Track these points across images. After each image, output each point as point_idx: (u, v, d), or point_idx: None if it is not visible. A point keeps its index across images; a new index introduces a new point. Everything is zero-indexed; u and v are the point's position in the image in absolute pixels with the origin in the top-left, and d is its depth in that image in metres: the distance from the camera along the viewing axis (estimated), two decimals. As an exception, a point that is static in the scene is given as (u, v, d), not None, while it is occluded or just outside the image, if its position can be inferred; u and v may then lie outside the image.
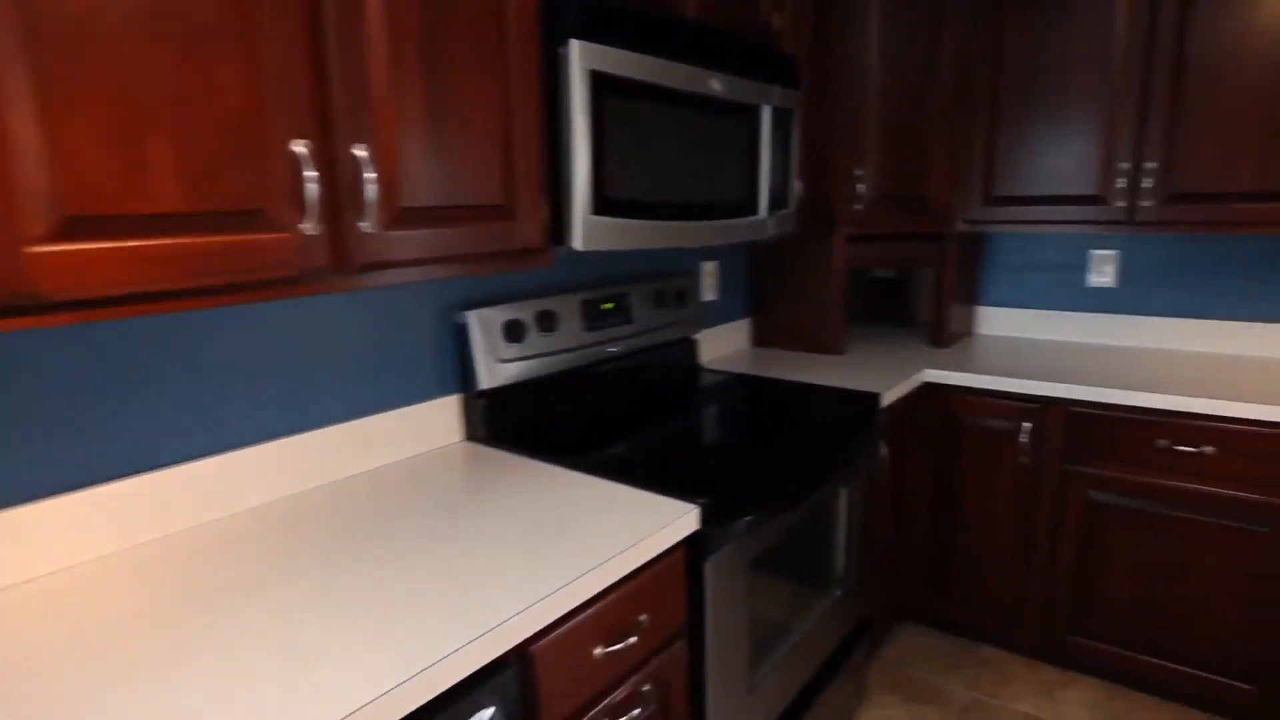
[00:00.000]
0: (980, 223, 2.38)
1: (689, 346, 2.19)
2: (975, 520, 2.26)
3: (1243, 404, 1.81)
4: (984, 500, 2.23)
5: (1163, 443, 1.93)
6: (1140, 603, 2.05)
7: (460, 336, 1.56)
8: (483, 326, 1.55)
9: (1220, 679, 1.98)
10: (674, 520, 1.17)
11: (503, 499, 1.26)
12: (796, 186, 1.95)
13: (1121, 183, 2.10)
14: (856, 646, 1.94)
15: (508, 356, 1.61)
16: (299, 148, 0.92)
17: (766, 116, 1.72)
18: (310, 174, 0.93)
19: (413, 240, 1.08)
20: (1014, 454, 2.14)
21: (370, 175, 0.99)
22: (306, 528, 1.16)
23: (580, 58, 1.21)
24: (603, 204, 1.29)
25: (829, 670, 1.81)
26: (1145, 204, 2.08)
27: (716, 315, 2.43)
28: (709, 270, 2.38)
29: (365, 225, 1.00)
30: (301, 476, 1.31)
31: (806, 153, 2.16)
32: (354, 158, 0.98)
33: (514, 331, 1.62)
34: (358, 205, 1.00)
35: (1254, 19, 1.90)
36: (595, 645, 1.05)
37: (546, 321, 1.70)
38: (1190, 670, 2.01)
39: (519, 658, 0.93)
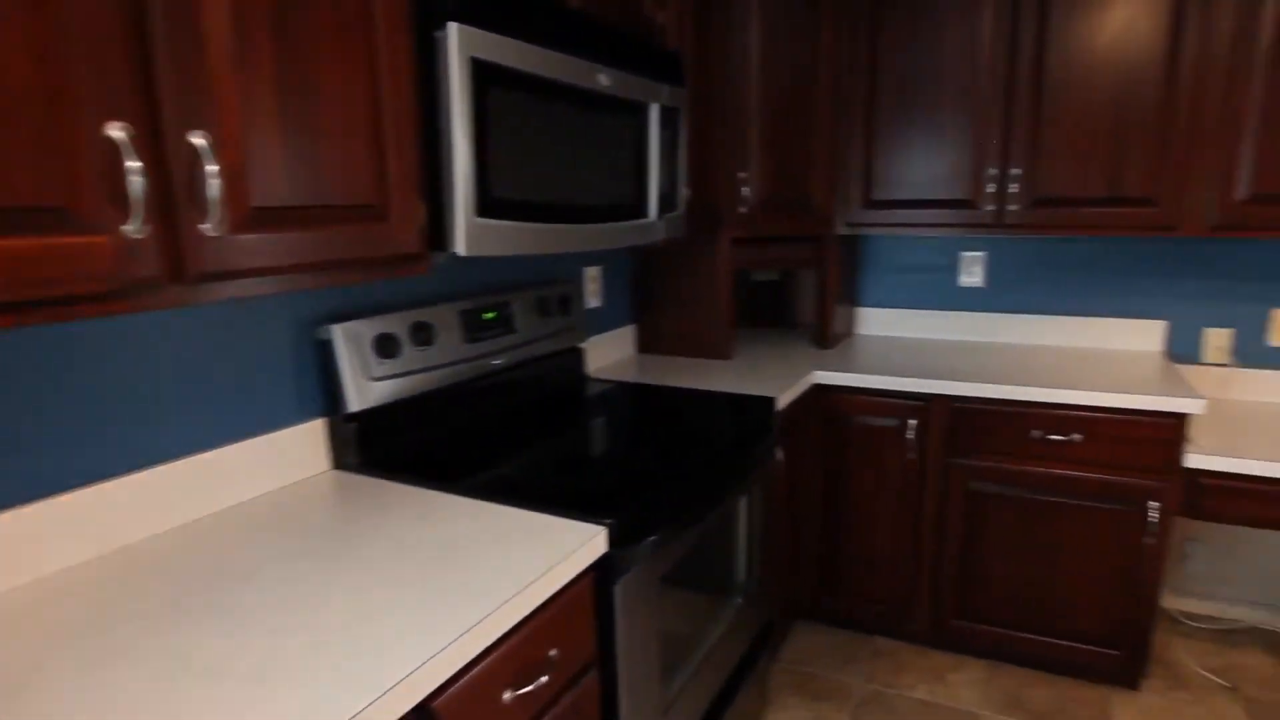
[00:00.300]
0: (860, 225, 2.47)
1: (576, 356, 2.13)
2: (864, 516, 2.34)
3: (1103, 394, 1.98)
4: (872, 496, 2.31)
5: (1036, 433, 2.07)
6: (1020, 584, 2.19)
7: (325, 353, 1.41)
8: (350, 342, 1.41)
9: (1092, 647, 2.16)
10: (582, 544, 1.10)
11: (384, 534, 1.14)
12: (683, 189, 1.94)
13: (991, 188, 2.24)
14: (761, 652, 1.94)
15: (380, 374, 1.48)
16: (116, 133, 0.77)
17: (654, 115, 1.68)
18: (133, 164, 0.78)
19: (267, 245, 0.94)
20: (901, 450, 2.23)
21: (212, 168, 0.85)
22: (139, 586, 0.99)
23: (459, 43, 1.11)
24: (488, 205, 1.20)
25: (736, 679, 1.80)
26: (1012, 208, 2.23)
27: (601, 322, 2.37)
28: (592, 276, 2.33)
29: (208, 227, 0.86)
30: (135, 524, 1.13)
31: (691, 154, 2.15)
32: (190, 147, 0.84)
33: (386, 346, 1.49)
34: (198, 204, 0.85)
35: (1100, 36, 2.08)
36: (504, 690, 0.96)
37: (423, 334, 1.58)
38: (1065, 642, 2.18)
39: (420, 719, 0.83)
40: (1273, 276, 2.34)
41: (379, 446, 1.48)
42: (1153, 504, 1.99)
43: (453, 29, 1.10)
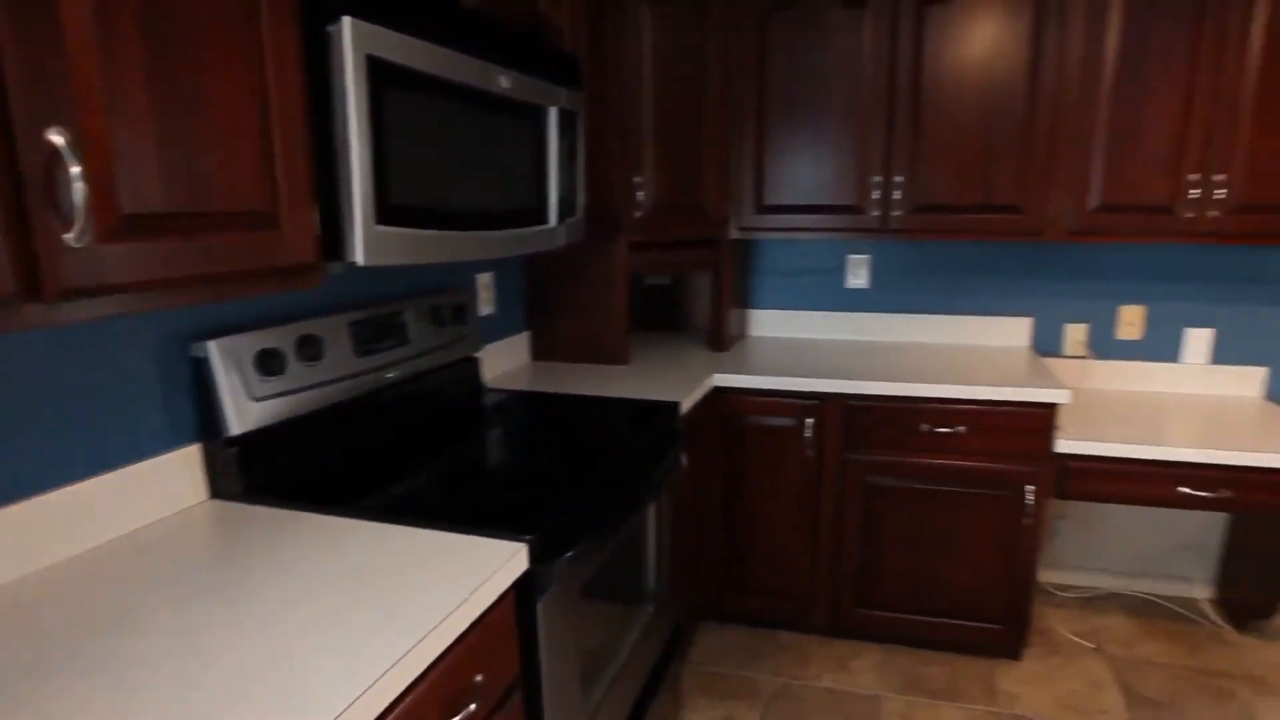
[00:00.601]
0: (753, 230, 2.55)
1: (472, 366, 2.07)
2: (765, 515, 2.41)
3: (984, 388, 2.14)
4: (772, 495, 2.39)
5: (925, 427, 2.21)
6: (913, 570, 2.33)
7: (200, 372, 1.30)
8: (229, 359, 1.30)
9: (979, 624, 2.33)
10: (504, 562, 1.07)
11: (284, 567, 1.06)
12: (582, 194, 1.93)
13: (876, 195, 2.37)
14: (672, 657, 1.96)
15: (264, 393, 1.37)
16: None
17: (553, 119, 1.66)
18: (-24, 165, 0.69)
19: (141, 257, 0.85)
20: (799, 448, 2.31)
21: (75, 170, 0.76)
22: (-10, 650, 0.87)
23: (354, 39, 1.05)
24: (388, 212, 1.14)
25: (651, 686, 1.81)
26: (896, 214, 2.37)
27: (494, 330, 2.32)
28: (484, 282, 2.27)
29: (70, 237, 0.77)
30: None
31: (586, 159, 2.14)
32: (48, 145, 0.75)
33: (270, 363, 1.39)
34: (59, 211, 0.76)
35: (971, 55, 2.25)
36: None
37: (310, 348, 1.48)
38: (955, 621, 2.34)
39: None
40: (1120, 277, 2.63)
41: (264, 471, 1.38)
42: (1029, 488, 2.17)
43: (347, 24, 1.04)
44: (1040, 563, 2.86)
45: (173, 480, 1.28)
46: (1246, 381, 2.61)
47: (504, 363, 2.36)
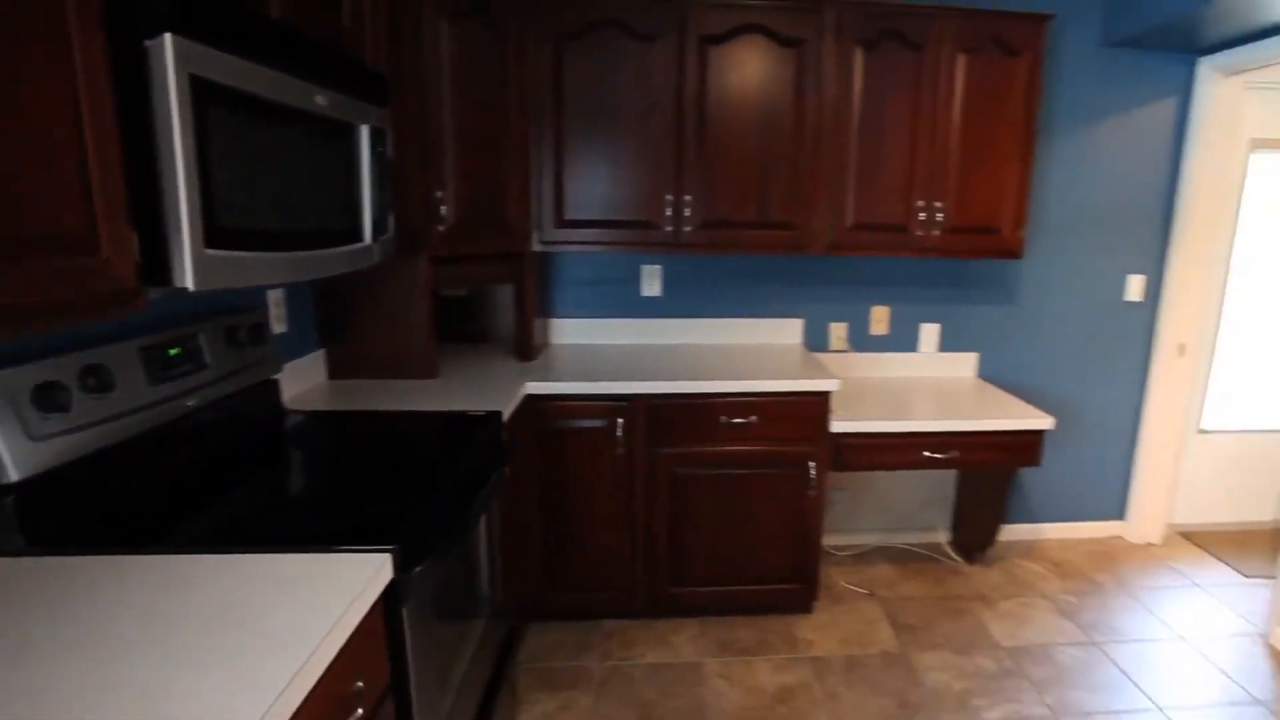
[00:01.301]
0: (554, 243, 2.67)
1: (273, 389, 1.99)
2: (582, 512, 2.54)
3: (770, 381, 2.45)
4: (589, 493, 2.53)
5: (723, 419, 2.47)
6: (719, 547, 2.60)
7: (-35, 414, 1.16)
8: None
9: (778, 586, 2.66)
10: (373, 572, 1.10)
11: (128, 613, 0.99)
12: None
13: (669, 211, 2.60)
14: (507, 660, 2.02)
15: (45, 432, 1.25)
16: None
17: (365, 137, 1.66)
18: None
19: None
20: (611, 447, 2.47)
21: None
22: None
23: (176, 58, 1.02)
24: (216, 235, 1.11)
25: (491, 690, 1.86)
26: (687, 229, 2.61)
27: (288, 350, 2.23)
28: (275, 300, 2.18)
29: None
30: None
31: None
32: None
33: (50, 398, 1.26)
34: None
35: (748, 85, 2.55)
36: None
37: (97, 379, 1.37)
38: (758, 586, 2.65)
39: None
40: (870, 283, 3.12)
41: (53, 519, 1.25)
42: (811, 464, 2.52)
43: (168, 41, 1.00)
44: (823, 529, 3.29)
45: (-60, 540, 1.13)
46: (964, 365, 3.22)
47: (300, 383, 2.27)
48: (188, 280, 1.07)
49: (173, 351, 1.57)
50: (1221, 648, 2.62)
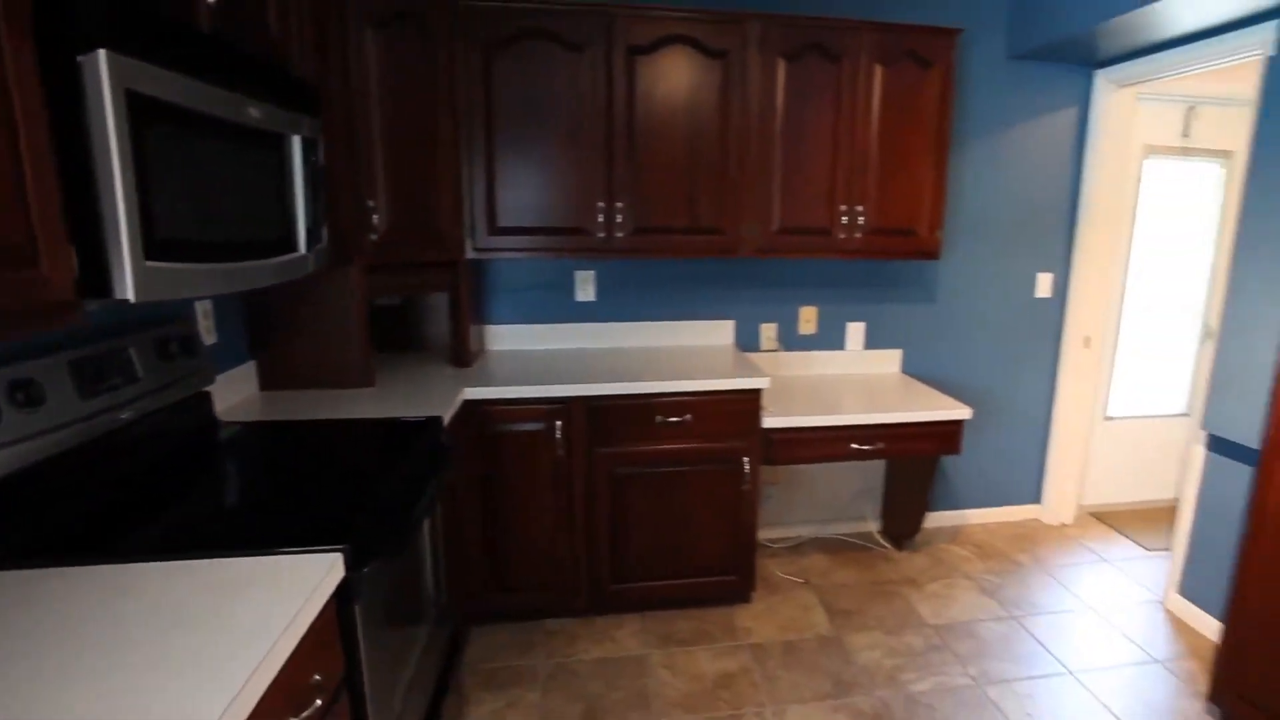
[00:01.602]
0: (488, 251, 2.71)
1: (205, 400, 1.98)
2: (524, 514, 2.59)
3: (704, 380, 2.55)
4: (529, 495, 2.58)
5: (659, 418, 2.56)
6: (659, 543, 2.68)
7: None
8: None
9: (717, 578, 2.76)
10: (326, 571, 1.14)
11: (89, 621, 1.01)
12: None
13: (601, 218, 2.67)
14: (453, 662, 2.06)
15: (-26, 449, 1.25)
16: None
17: (297, 147, 1.69)
18: None
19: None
20: (551, 449, 2.53)
21: None
22: None
23: (111, 74, 1.04)
24: (156, 247, 1.13)
25: (441, 690, 1.89)
26: (619, 235, 2.69)
27: (218, 361, 2.22)
28: (204, 311, 2.17)
29: None
30: None
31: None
32: None
33: (-21, 414, 1.26)
34: None
35: (675, 99, 2.65)
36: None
37: (26, 393, 1.36)
38: (697, 580, 2.74)
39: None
40: (798, 284, 3.26)
41: (-9, 536, 1.25)
42: (745, 459, 2.63)
43: (102, 56, 1.03)
44: (759, 523, 3.41)
45: None
46: (889, 361, 3.39)
47: (232, 395, 2.26)
48: (128, 292, 1.09)
49: (103, 364, 1.57)
50: (1125, 615, 2.85)
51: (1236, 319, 2.57)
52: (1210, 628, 2.72)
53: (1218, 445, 2.69)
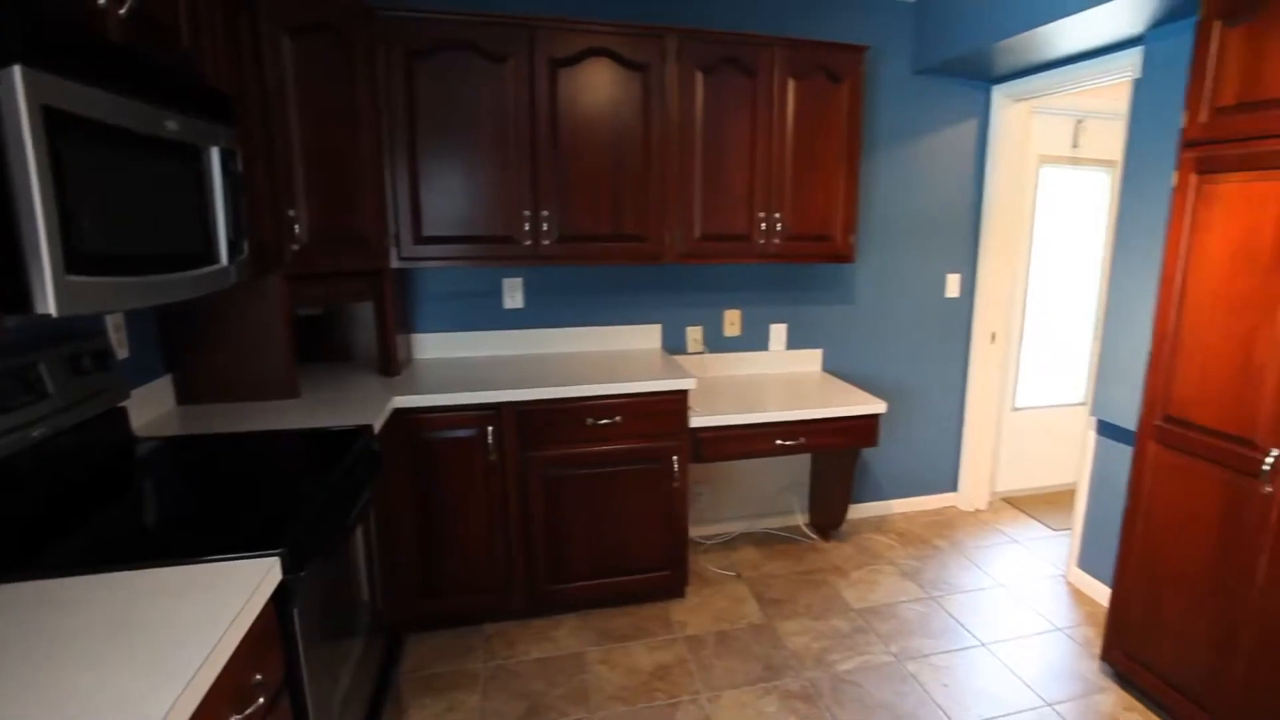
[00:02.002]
0: (413, 260, 2.73)
1: (120, 416, 1.95)
2: (458, 520, 2.62)
3: (632, 383, 2.64)
4: (463, 501, 2.61)
5: (589, 420, 2.63)
6: (594, 543, 2.75)
7: None
8: None
9: (651, 574, 2.85)
10: (264, 574, 1.16)
11: (25, 635, 1.01)
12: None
13: (527, 226, 2.73)
14: (390, 669, 2.07)
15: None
16: None
17: (216, 158, 1.69)
18: None
19: None
20: (483, 455, 2.57)
21: None
22: None
23: (27, 90, 1.05)
24: (77, 261, 1.14)
25: (379, 699, 1.91)
26: (545, 243, 2.75)
27: (132, 376, 2.17)
28: (116, 325, 2.13)
29: None
30: None
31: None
32: None
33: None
34: None
35: (599, 110, 2.72)
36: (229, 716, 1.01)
37: (-68, 413, 1.34)
38: (632, 577, 2.82)
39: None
40: (723, 288, 3.39)
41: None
42: (674, 458, 2.72)
43: (17, 72, 1.04)
44: (691, 521, 3.51)
45: None
46: (811, 360, 3.55)
47: (148, 411, 2.21)
48: (50, 307, 1.10)
49: (11, 380, 1.54)
50: (1032, 589, 3.08)
51: (1116, 313, 2.81)
52: (1104, 596, 2.96)
53: (1105, 429, 2.93)
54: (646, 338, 3.33)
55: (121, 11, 1.39)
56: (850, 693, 2.39)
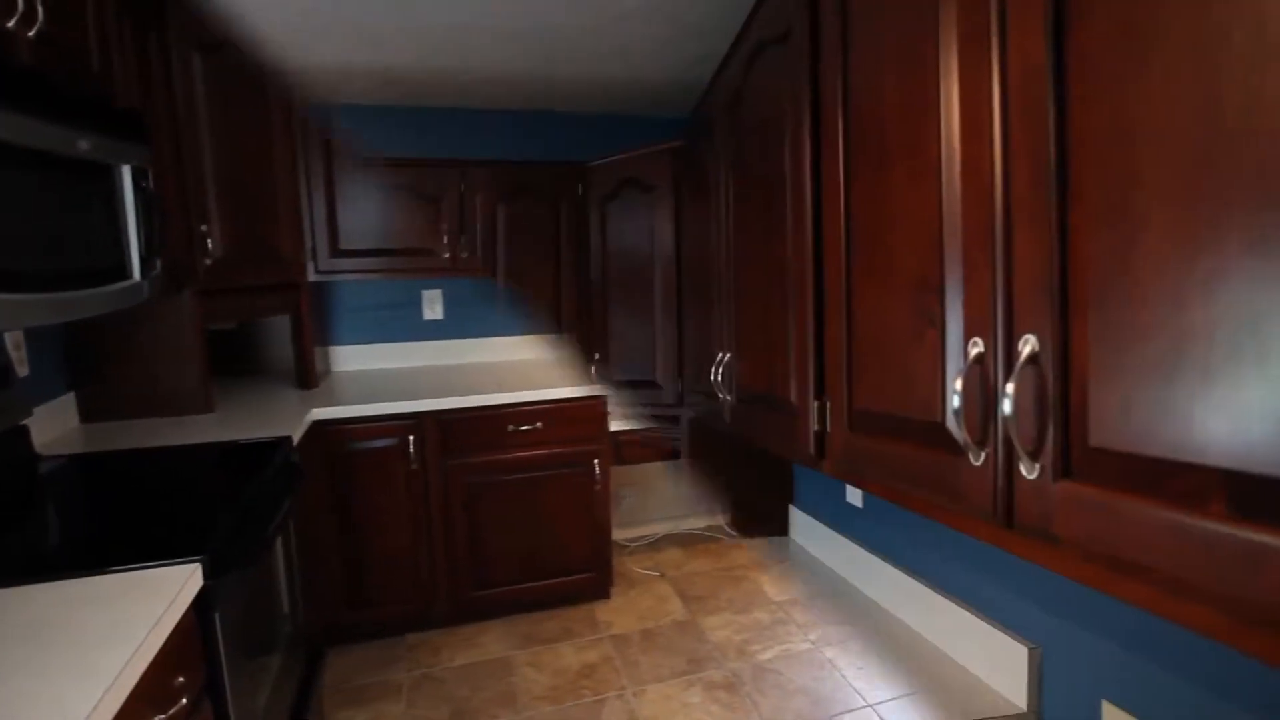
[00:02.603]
0: (330, 273, 2.77)
1: (23, 435, 1.94)
2: (380, 531, 2.67)
3: (551, 389, 2.75)
4: (385, 511, 2.66)
5: (510, 427, 2.72)
6: (518, 547, 2.83)
7: None
8: None
9: (576, 576, 2.95)
10: (185, 579, 1.20)
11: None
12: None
13: (445, 239, 2.80)
14: (311, 682, 2.11)
15: None
16: None
17: (127, 176, 1.73)
18: None
19: None
20: (405, 464, 2.63)
21: None
22: None
23: (-61, 111, 1.10)
24: (-11, 277, 1.18)
25: (300, 710, 1.95)
26: (464, 254, 2.83)
27: (33, 394, 2.15)
28: (15, 343, 2.11)
29: None
30: None
31: (149, 208, 2.15)
32: None
33: None
34: None
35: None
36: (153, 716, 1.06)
37: None
38: (557, 580, 2.92)
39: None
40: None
41: None
42: (595, 461, 2.84)
43: (-71, 96, 1.08)
44: (615, 524, 3.62)
45: None
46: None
47: (51, 429, 2.19)
48: (-41, 323, 1.14)
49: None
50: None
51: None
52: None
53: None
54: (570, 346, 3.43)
55: (30, 34, 1.42)
56: (771, 680, 2.54)
